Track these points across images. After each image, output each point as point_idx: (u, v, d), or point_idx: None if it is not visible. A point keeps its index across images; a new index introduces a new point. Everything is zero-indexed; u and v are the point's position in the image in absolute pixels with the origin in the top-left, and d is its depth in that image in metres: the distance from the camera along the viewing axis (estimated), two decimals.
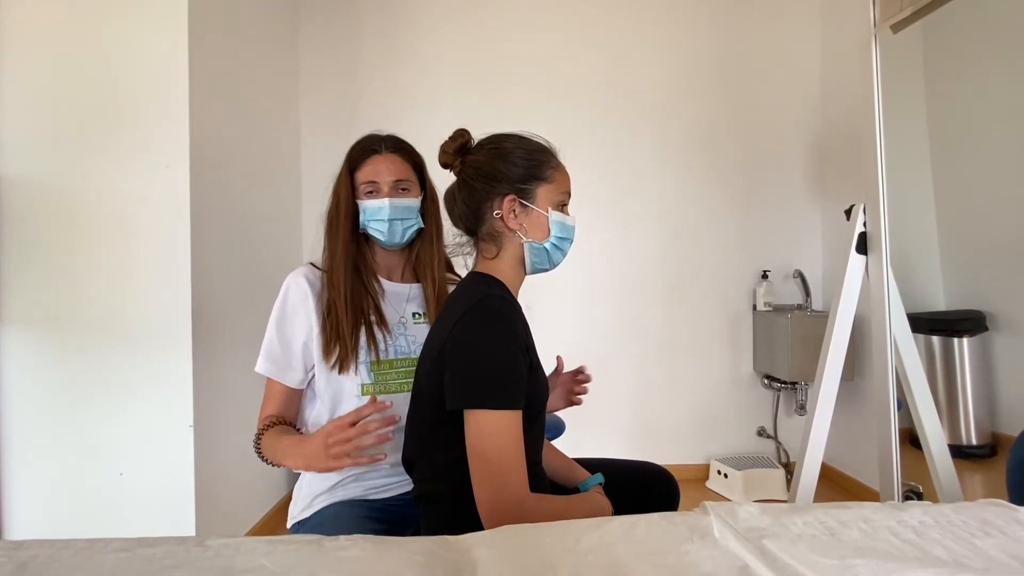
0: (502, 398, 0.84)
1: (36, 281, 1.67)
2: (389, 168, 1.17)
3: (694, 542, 0.67)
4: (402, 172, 1.18)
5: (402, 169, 1.18)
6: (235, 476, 1.98)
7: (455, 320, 0.89)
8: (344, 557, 0.64)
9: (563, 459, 1.18)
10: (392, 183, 1.16)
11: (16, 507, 1.69)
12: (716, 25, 2.78)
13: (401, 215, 1.16)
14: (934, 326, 1.83)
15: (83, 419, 1.69)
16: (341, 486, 1.13)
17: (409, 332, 1.20)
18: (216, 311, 1.83)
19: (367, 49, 2.70)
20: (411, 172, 1.20)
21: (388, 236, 1.17)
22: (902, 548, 0.67)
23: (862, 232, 1.56)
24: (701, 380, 2.80)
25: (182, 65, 1.69)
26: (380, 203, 1.15)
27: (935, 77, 1.93)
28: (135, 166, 1.69)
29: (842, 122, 2.65)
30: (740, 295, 2.81)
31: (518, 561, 0.64)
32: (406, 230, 1.18)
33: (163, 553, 0.64)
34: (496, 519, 0.81)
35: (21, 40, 1.67)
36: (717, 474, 2.65)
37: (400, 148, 1.20)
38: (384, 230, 1.16)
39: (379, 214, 1.15)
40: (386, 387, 1.15)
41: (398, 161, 1.18)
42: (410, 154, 1.21)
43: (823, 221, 2.80)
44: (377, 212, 1.15)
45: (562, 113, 2.72)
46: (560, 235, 0.99)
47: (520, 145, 0.99)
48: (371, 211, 1.16)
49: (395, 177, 1.17)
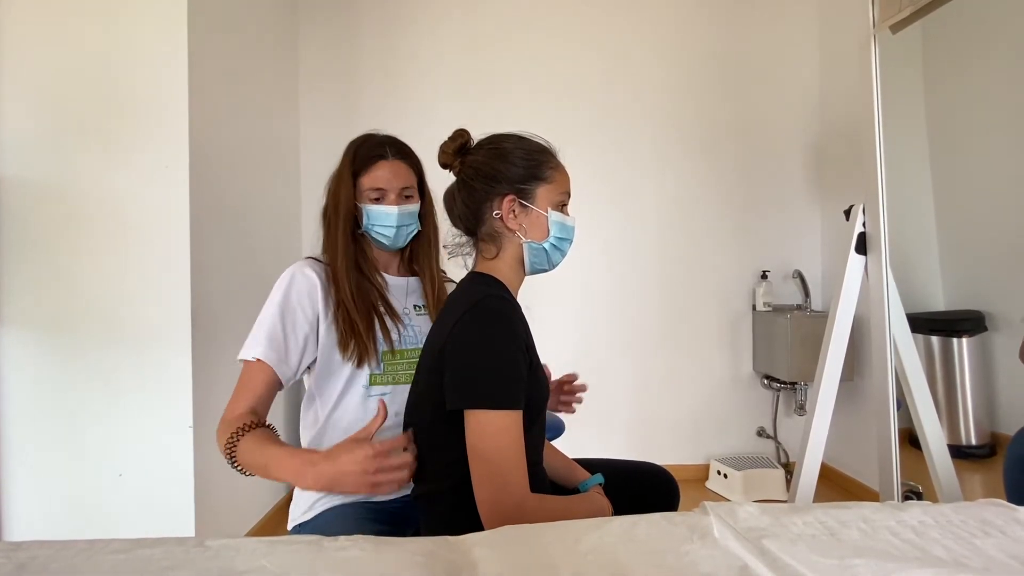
0: (502, 398, 0.84)
1: (36, 281, 1.67)
2: (397, 175, 1.19)
3: (694, 542, 0.67)
4: (408, 179, 1.20)
5: (408, 176, 1.21)
6: (234, 477, 1.95)
7: (455, 320, 0.89)
8: (344, 557, 0.64)
9: (563, 459, 1.18)
10: (399, 190, 1.19)
11: (15, 508, 1.69)
12: (715, 25, 2.79)
13: (406, 222, 1.20)
14: (933, 326, 1.83)
15: (82, 420, 1.69)
16: None
17: (413, 323, 1.22)
18: (215, 311, 1.83)
19: (367, 49, 2.70)
20: (414, 179, 1.22)
21: (393, 241, 1.20)
22: (902, 548, 0.67)
23: (861, 232, 1.57)
24: (701, 380, 2.80)
25: (182, 65, 1.69)
26: (388, 210, 1.17)
27: (934, 77, 1.93)
28: (135, 166, 1.69)
29: (841, 122, 2.65)
30: (740, 295, 2.81)
31: (518, 561, 0.64)
32: (408, 235, 1.22)
33: (162, 554, 0.64)
34: (496, 519, 0.81)
35: (21, 40, 1.67)
36: (717, 474, 2.65)
37: (405, 154, 1.22)
38: (391, 235, 1.19)
39: (387, 220, 1.17)
40: (395, 377, 1.16)
41: (404, 168, 1.20)
42: (413, 159, 1.24)
43: (822, 221, 2.80)
44: (385, 219, 1.17)
45: (562, 113, 2.72)
46: (560, 235, 0.99)
47: (520, 145, 0.99)
48: (377, 216, 1.18)
49: (402, 184, 1.19)
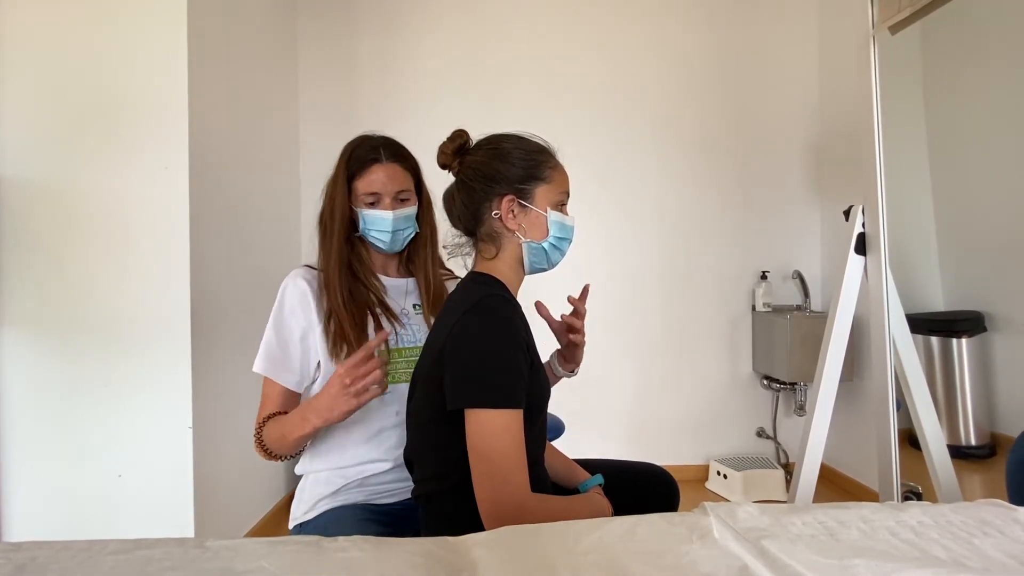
0: (503, 397, 0.84)
1: (36, 282, 1.67)
2: (392, 179, 1.18)
3: (694, 542, 0.67)
4: (403, 183, 1.19)
5: (403, 179, 1.20)
6: (234, 477, 1.97)
7: (455, 320, 0.89)
8: (344, 558, 0.64)
9: (563, 460, 1.18)
10: (394, 194, 1.18)
11: (15, 508, 1.69)
12: (715, 26, 2.79)
13: (402, 225, 1.19)
14: (933, 327, 1.83)
15: (82, 420, 1.69)
16: (344, 491, 1.13)
17: (412, 322, 1.22)
18: (215, 312, 1.83)
19: (366, 49, 2.70)
20: (410, 181, 1.22)
21: (389, 245, 1.19)
22: (901, 548, 0.67)
23: (861, 233, 1.57)
24: (700, 381, 2.80)
25: (181, 66, 1.69)
26: (384, 215, 1.16)
27: (933, 78, 1.93)
28: (134, 167, 1.69)
29: (840, 123, 2.65)
30: (739, 296, 2.81)
31: (518, 561, 0.64)
32: (405, 238, 1.22)
33: (162, 554, 0.64)
34: (497, 519, 0.81)
35: (21, 41, 1.67)
36: (716, 475, 2.65)
37: (400, 156, 1.21)
38: (387, 240, 1.18)
39: (382, 225, 1.17)
40: (394, 376, 1.16)
41: (399, 171, 1.19)
42: (409, 162, 1.22)
43: (822, 222, 2.80)
44: (380, 223, 1.17)
45: (561, 113, 2.72)
46: (559, 235, 0.99)
47: (519, 145, 0.99)
48: (373, 221, 1.17)
49: (397, 188, 1.18)
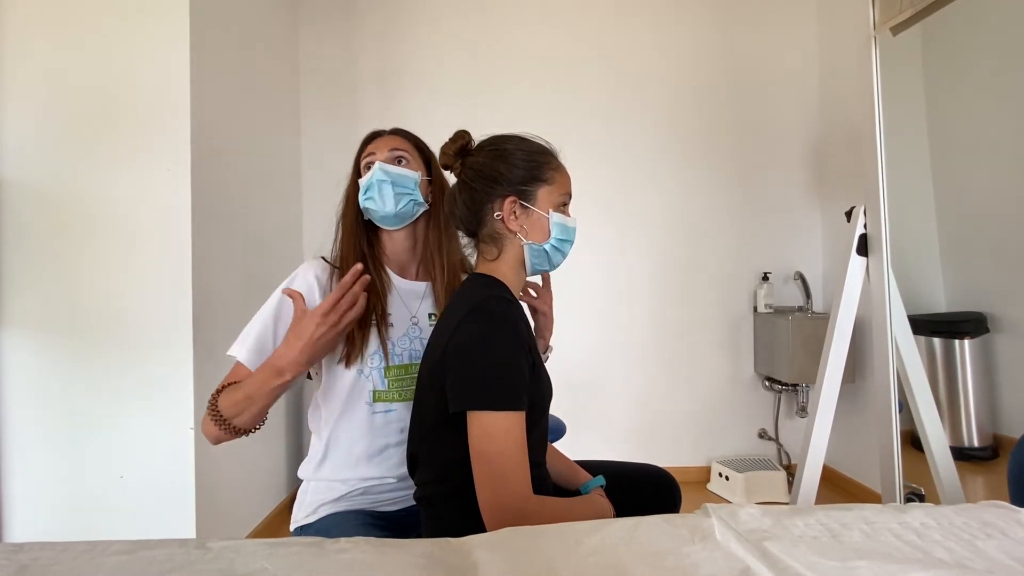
0: (505, 399, 0.84)
1: (37, 283, 1.68)
2: (387, 143, 1.14)
3: (695, 544, 0.67)
4: (400, 144, 1.14)
5: (401, 143, 1.15)
6: (236, 478, 1.97)
7: (457, 321, 0.89)
8: (345, 559, 0.64)
9: (564, 461, 1.18)
10: (388, 150, 1.12)
11: (16, 509, 1.69)
12: (715, 27, 2.79)
13: (393, 179, 1.08)
14: (935, 328, 1.83)
15: (84, 422, 1.69)
16: (347, 498, 1.09)
17: (424, 335, 1.14)
18: (217, 313, 1.83)
19: (367, 49, 2.70)
20: (410, 146, 1.16)
21: (379, 202, 1.07)
22: (904, 550, 0.67)
23: (862, 234, 1.56)
24: (702, 382, 2.80)
25: (183, 67, 1.69)
26: (374, 170, 1.09)
27: (934, 79, 1.93)
28: (136, 168, 1.69)
29: (842, 124, 2.65)
30: (741, 297, 2.81)
31: (519, 563, 0.64)
32: (399, 196, 1.09)
33: (163, 556, 0.64)
34: (498, 521, 0.81)
35: (21, 42, 1.67)
36: (718, 476, 2.65)
37: (403, 132, 1.18)
38: (374, 195, 1.07)
39: (372, 177, 1.08)
40: (402, 394, 1.10)
41: (398, 139, 1.16)
42: (413, 137, 1.18)
43: (823, 223, 2.80)
44: (368, 180, 1.08)
45: (562, 115, 2.72)
46: (560, 236, 0.99)
47: (520, 147, 0.99)
48: (364, 184, 1.09)
49: (392, 146, 1.13)
